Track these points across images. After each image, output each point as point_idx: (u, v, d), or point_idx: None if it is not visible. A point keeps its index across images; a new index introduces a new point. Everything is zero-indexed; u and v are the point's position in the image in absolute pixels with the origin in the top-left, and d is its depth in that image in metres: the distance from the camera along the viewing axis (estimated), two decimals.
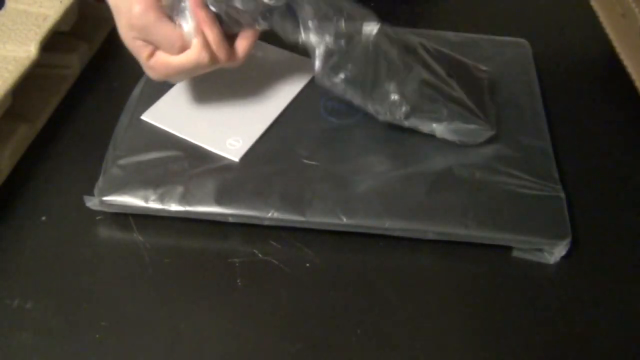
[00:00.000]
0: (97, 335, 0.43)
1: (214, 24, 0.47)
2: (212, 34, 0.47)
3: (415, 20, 0.67)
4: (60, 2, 0.56)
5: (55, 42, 0.56)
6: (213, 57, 0.48)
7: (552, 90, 0.61)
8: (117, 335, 0.43)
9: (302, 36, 0.51)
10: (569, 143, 0.56)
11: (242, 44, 0.50)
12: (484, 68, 0.55)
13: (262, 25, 0.51)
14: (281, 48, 0.61)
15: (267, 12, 0.50)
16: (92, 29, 0.63)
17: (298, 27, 0.52)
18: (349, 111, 0.55)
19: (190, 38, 0.47)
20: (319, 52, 0.50)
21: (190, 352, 0.43)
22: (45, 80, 0.58)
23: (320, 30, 0.51)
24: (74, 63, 0.60)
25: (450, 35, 0.63)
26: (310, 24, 0.51)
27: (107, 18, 0.59)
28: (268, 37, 0.61)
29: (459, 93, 0.52)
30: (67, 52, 0.60)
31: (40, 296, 0.45)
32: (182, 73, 0.49)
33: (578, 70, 0.65)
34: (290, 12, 0.51)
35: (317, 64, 0.51)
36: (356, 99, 0.53)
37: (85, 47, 0.61)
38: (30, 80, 0.53)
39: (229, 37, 0.49)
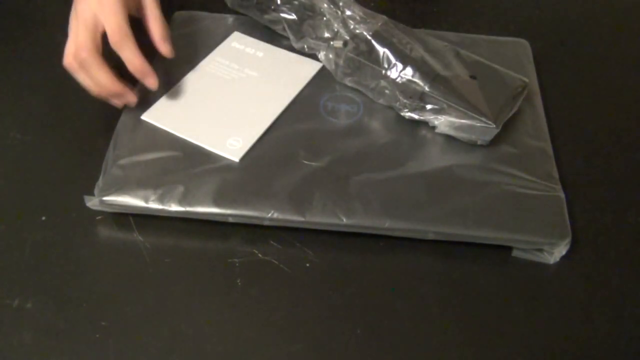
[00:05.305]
0: (97, 335, 0.43)
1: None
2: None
3: (415, 20, 0.67)
4: None
5: None
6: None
7: (552, 90, 0.61)
8: (117, 335, 0.43)
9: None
10: (569, 143, 0.56)
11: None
12: (524, 79, 0.55)
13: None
14: (281, 48, 0.61)
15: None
16: None
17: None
18: (349, 111, 0.55)
19: None
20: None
21: (190, 352, 0.43)
22: None
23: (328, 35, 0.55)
24: None
25: (451, 35, 0.63)
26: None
27: None
28: (268, 37, 0.62)
29: (474, 93, 0.52)
30: None
31: (40, 296, 0.45)
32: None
33: (578, 70, 0.65)
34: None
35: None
36: (363, 81, 0.55)
37: None
38: None
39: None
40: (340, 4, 0.55)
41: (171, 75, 0.57)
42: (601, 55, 0.67)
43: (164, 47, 0.53)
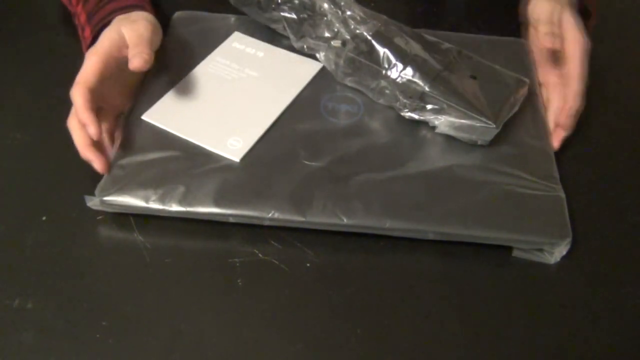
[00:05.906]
0: (97, 335, 0.43)
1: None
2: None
3: (415, 20, 0.67)
4: None
5: None
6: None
7: None
8: (117, 335, 0.43)
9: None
10: (569, 143, 0.56)
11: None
12: (524, 79, 0.55)
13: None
14: (282, 48, 0.61)
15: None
16: None
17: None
18: (349, 111, 0.55)
19: None
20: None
21: (190, 352, 0.43)
22: None
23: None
24: None
25: (451, 35, 0.62)
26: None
27: None
28: (269, 37, 0.62)
29: (474, 93, 0.52)
30: None
31: (40, 296, 0.45)
32: None
33: None
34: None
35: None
36: (363, 81, 0.55)
37: None
38: None
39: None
40: (342, 3, 0.55)
41: (171, 75, 0.57)
42: (601, 56, 0.67)
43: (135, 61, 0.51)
